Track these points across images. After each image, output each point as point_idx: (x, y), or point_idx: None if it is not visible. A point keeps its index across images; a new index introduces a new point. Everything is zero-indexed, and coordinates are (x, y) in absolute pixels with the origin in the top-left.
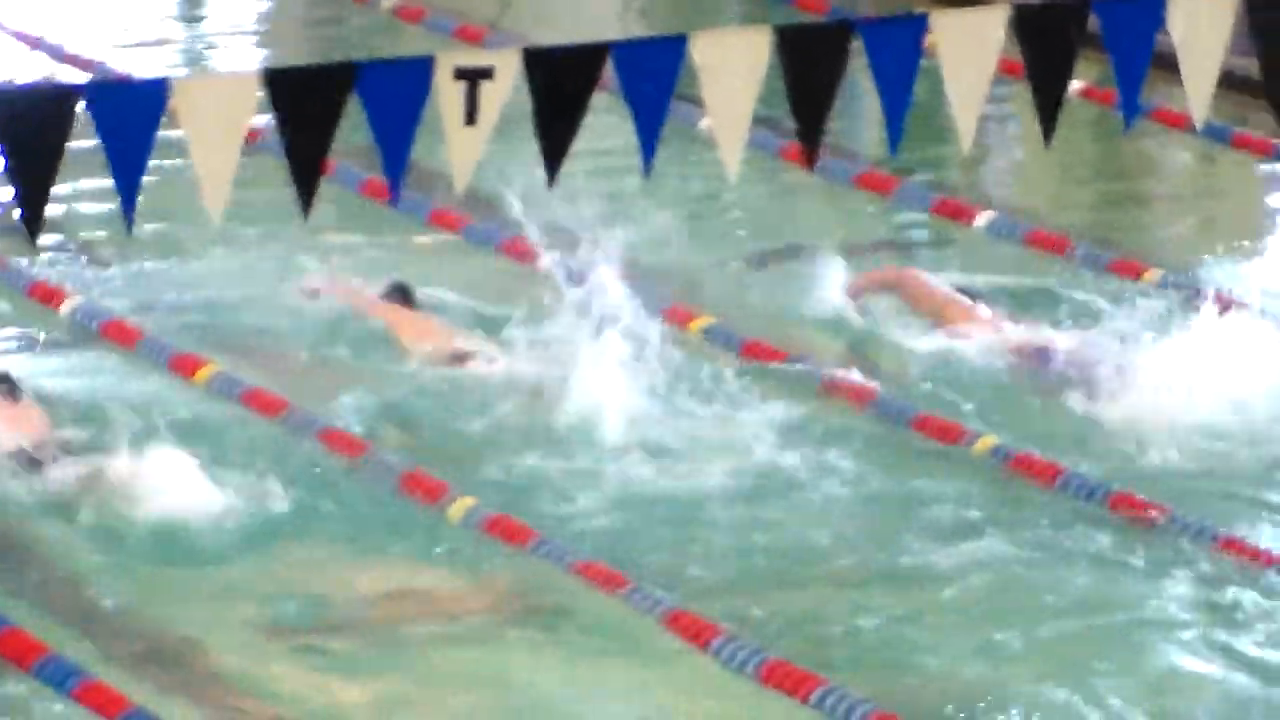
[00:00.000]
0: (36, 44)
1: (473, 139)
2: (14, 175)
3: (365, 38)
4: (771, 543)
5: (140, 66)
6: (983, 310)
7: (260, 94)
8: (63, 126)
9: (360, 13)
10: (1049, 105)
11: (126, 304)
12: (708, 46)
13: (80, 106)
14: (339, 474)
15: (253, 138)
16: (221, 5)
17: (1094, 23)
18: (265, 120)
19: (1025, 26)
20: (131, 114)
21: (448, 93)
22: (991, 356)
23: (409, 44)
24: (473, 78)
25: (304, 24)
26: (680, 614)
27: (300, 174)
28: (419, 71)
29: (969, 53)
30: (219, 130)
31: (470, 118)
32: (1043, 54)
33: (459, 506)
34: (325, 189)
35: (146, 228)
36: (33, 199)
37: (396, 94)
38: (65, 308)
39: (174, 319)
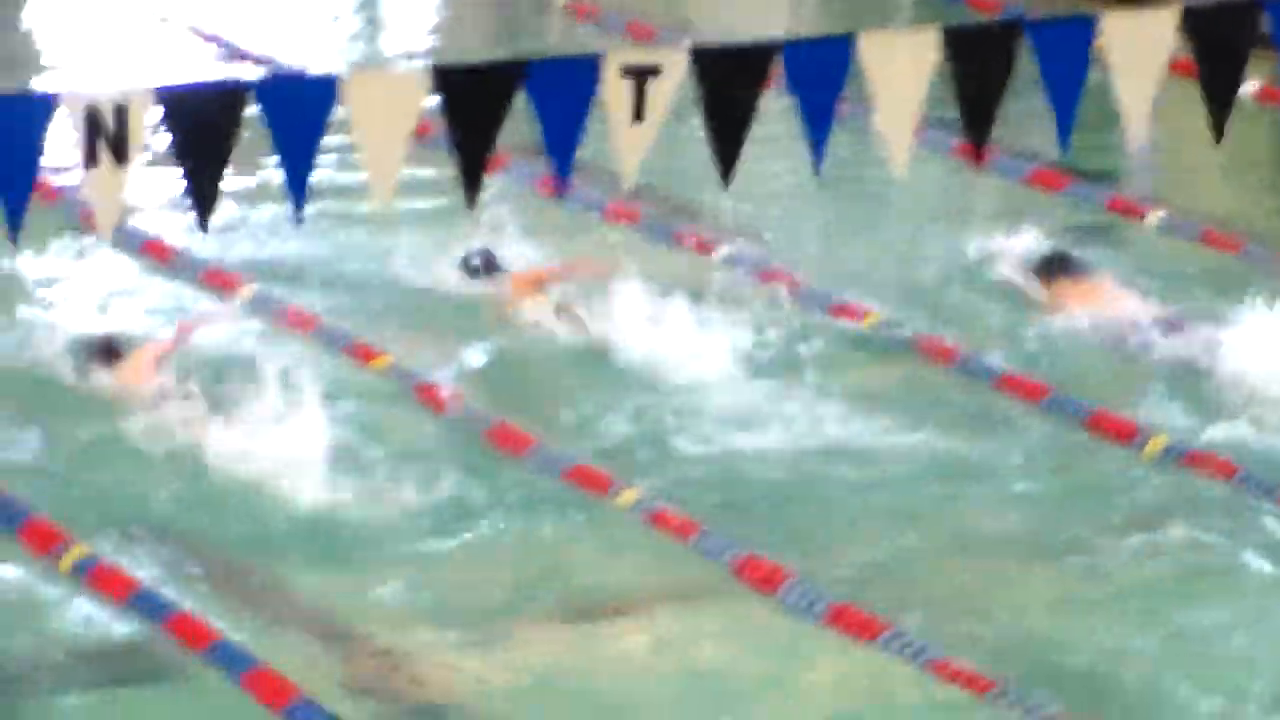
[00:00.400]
0: (213, 40)
1: (641, 136)
2: (186, 168)
3: (538, 34)
4: (933, 532)
5: (314, 63)
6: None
7: (429, 89)
8: (233, 122)
9: (533, 10)
10: (1220, 105)
11: (301, 291)
12: (876, 46)
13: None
14: (503, 463)
15: (424, 131)
16: (397, 3)
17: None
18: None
19: (1196, 26)
20: (302, 109)
21: (615, 90)
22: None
23: (581, 41)
24: (640, 75)
25: (477, 21)
26: (843, 608)
27: (467, 168)
28: (586, 69)
29: (1139, 53)
30: (387, 124)
31: (638, 115)
32: (1213, 53)
33: (626, 497)
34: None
35: (320, 210)
36: (204, 192)
37: (564, 91)
38: (244, 293)
39: (347, 304)
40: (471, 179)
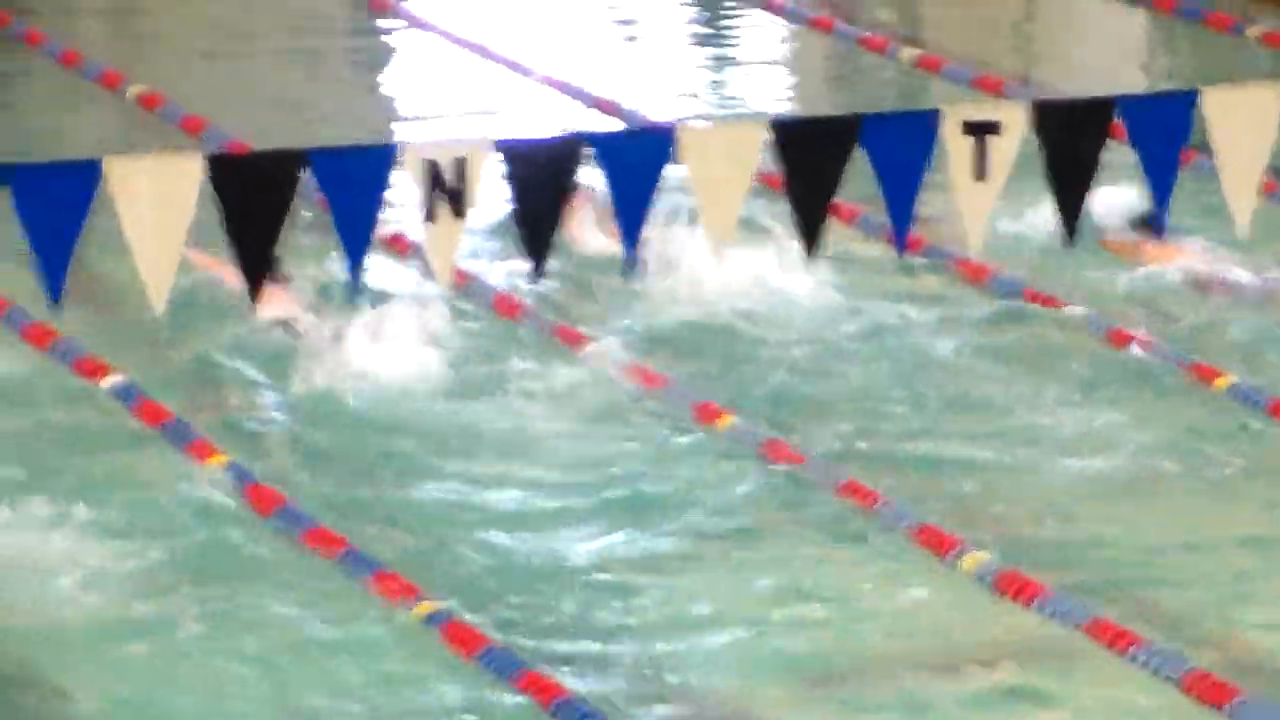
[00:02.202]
0: (566, 90)
1: (983, 194)
2: (520, 221)
3: (884, 88)
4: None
5: (663, 112)
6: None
7: (765, 142)
8: (567, 175)
9: (881, 64)
10: None
11: (643, 348)
12: (1219, 102)
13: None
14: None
15: (777, 185)
16: (749, 56)
17: None
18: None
19: None
20: (637, 161)
21: (956, 147)
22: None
23: (928, 94)
24: (980, 132)
25: (824, 75)
26: (1199, 676)
27: (804, 220)
28: (924, 124)
29: None
30: (722, 176)
31: (980, 173)
32: None
33: (971, 560)
34: None
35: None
36: (536, 243)
37: (900, 147)
38: (588, 349)
39: (687, 365)
40: (810, 232)
